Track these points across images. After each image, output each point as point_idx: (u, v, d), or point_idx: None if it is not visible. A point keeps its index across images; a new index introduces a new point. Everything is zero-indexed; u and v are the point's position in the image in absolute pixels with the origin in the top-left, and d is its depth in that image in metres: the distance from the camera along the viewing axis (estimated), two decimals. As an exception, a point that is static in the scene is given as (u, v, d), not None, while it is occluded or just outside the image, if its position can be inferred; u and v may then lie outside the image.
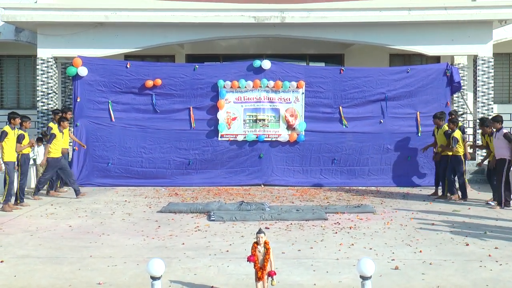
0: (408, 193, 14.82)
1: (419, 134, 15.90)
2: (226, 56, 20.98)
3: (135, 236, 10.03)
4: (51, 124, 14.38)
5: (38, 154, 16.36)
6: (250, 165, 16.03)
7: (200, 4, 17.46)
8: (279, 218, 11.34)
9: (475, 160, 17.31)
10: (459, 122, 14.34)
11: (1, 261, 8.42)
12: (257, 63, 16.10)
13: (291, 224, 11.02)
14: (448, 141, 13.83)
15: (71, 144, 15.99)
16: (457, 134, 13.59)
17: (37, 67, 17.60)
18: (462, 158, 13.64)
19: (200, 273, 7.85)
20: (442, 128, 14.11)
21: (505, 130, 13.02)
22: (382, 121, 16.04)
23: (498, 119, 13.21)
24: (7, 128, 12.59)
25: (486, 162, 14.23)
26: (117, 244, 9.50)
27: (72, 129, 15.81)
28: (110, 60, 16.71)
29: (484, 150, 15.02)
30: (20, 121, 13.04)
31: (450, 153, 13.72)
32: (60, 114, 14.73)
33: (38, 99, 17.77)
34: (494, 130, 13.19)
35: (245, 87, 16.03)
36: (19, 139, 12.87)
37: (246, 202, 12.51)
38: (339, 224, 11.07)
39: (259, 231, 6.90)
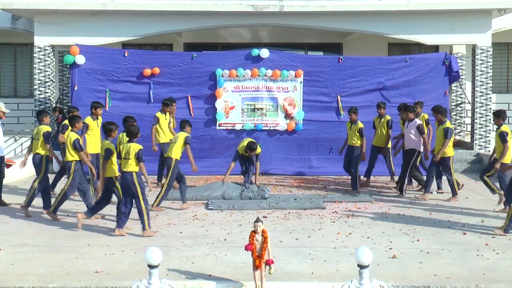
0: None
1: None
2: (224, 45, 20.89)
3: (132, 225, 10.02)
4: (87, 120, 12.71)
5: None
6: (248, 154, 16.02)
7: (198, -8, 17.38)
8: (277, 207, 11.35)
9: (472, 149, 17.33)
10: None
11: (-1, 249, 8.44)
12: (255, 52, 16.04)
13: (289, 213, 11.03)
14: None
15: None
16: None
17: (34, 55, 17.50)
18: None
19: (198, 261, 7.86)
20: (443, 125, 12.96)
21: (418, 122, 12.82)
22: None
23: (411, 109, 12.98)
24: (88, 119, 12.16)
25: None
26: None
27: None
28: (107, 49, 16.63)
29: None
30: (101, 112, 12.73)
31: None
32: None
33: (35, 87, 17.69)
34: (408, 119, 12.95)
35: (243, 76, 15.98)
36: (63, 129, 12.32)
37: (247, 187, 12.52)
38: (337, 213, 11.08)
39: (257, 220, 6.91)
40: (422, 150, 12.79)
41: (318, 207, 11.43)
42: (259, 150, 12.79)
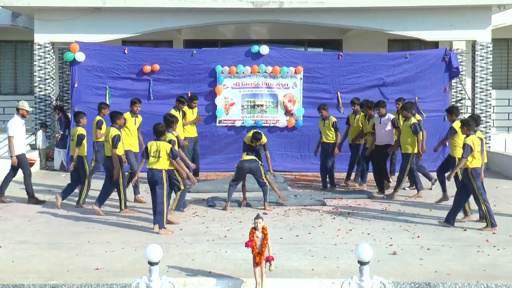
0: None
1: (424, 117, 15.74)
2: (224, 41, 20.89)
3: (133, 222, 10.03)
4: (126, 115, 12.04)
5: (41, 139, 16.51)
6: (248, 151, 16.01)
7: (198, -11, 17.35)
8: (277, 204, 11.34)
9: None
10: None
11: (0, 247, 8.44)
12: (255, 48, 16.03)
13: (289, 209, 11.03)
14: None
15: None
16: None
17: (34, 52, 17.49)
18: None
19: (198, 258, 7.86)
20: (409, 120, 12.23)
21: (392, 116, 12.63)
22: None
23: (382, 104, 12.73)
24: (127, 115, 12.00)
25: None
26: (115, 229, 9.51)
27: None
28: (107, 46, 16.64)
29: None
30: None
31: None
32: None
33: (35, 84, 17.68)
34: (377, 115, 12.74)
35: (243, 72, 15.97)
36: (99, 124, 12.19)
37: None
38: (337, 209, 11.08)
39: (257, 217, 6.91)
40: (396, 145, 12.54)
41: (319, 204, 11.42)
42: (264, 139, 12.71)
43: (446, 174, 10.70)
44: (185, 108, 13.50)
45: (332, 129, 13.19)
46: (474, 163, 9.44)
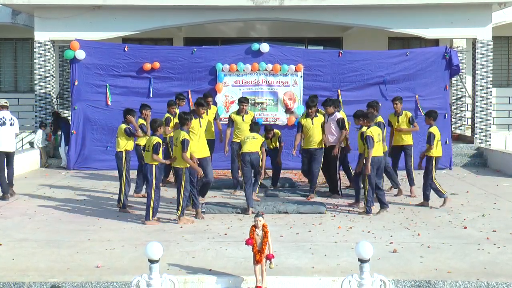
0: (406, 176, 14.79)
1: (424, 114, 15.67)
2: (224, 39, 20.85)
3: (133, 220, 10.03)
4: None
5: (40, 138, 16.52)
6: (249, 149, 15.97)
7: (198, -14, 17.33)
8: (275, 211, 10.71)
9: (473, 143, 17.32)
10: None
11: (0, 245, 8.43)
12: (255, 46, 16.02)
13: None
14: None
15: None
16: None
17: (35, 50, 17.48)
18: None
19: (199, 256, 7.86)
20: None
21: (339, 116, 12.03)
22: (380, 104, 15.94)
23: (329, 103, 12.12)
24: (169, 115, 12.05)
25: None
26: (115, 227, 9.51)
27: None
28: (107, 44, 16.63)
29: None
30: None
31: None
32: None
33: (35, 82, 17.67)
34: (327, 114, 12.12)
35: (244, 70, 15.96)
36: (167, 122, 12.30)
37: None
38: (337, 207, 11.08)
39: (257, 215, 6.91)
40: (343, 145, 12.07)
41: (317, 212, 10.68)
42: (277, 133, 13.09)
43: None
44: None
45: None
46: (374, 152, 10.42)
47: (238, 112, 12.85)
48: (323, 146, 11.97)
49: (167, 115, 12.71)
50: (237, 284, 6.91)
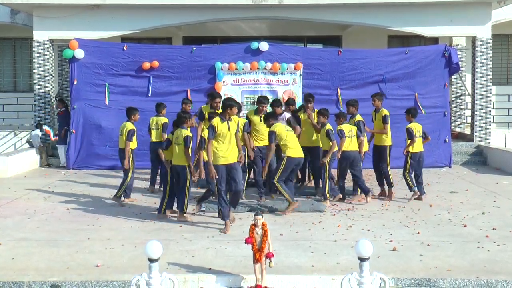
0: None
1: (424, 113, 15.69)
2: (223, 38, 20.85)
3: (132, 219, 10.03)
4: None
5: (36, 138, 16.51)
6: (248, 148, 15.95)
7: (197, -15, 17.32)
8: (272, 211, 10.58)
9: (472, 141, 17.32)
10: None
11: (-1, 244, 8.44)
12: (254, 45, 16.01)
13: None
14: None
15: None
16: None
17: (34, 49, 17.47)
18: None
19: (198, 255, 7.86)
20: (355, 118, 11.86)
21: (288, 115, 11.82)
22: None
23: (278, 103, 11.88)
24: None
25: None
26: (114, 226, 9.51)
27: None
28: (106, 43, 16.61)
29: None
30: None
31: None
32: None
33: (34, 82, 17.66)
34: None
35: (243, 69, 15.95)
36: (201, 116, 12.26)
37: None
38: (337, 206, 11.07)
39: (257, 213, 6.91)
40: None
41: (317, 211, 10.57)
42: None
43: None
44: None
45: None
46: (345, 147, 11.10)
47: (256, 112, 12.01)
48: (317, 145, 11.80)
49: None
50: (237, 283, 6.91)
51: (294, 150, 10.49)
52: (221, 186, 9.18)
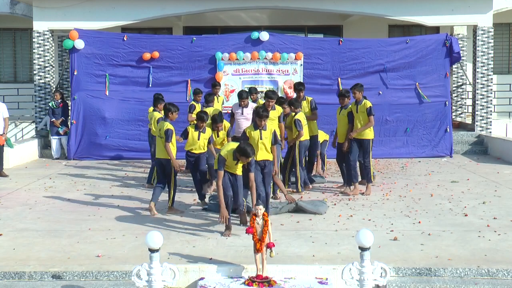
0: (407, 164, 14.80)
1: (429, 101, 15.66)
2: (224, 28, 20.79)
3: (133, 209, 10.03)
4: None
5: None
6: (249, 138, 15.93)
7: (197, -25, 17.24)
8: (276, 212, 9.93)
9: (473, 131, 17.29)
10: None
11: (0, 234, 8.44)
12: (255, 35, 15.97)
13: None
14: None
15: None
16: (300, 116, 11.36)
17: (34, 40, 17.41)
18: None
19: (199, 245, 7.86)
20: (347, 108, 11.46)
21: (253, 105, 11.63)
22: (381, 92, 15.96)
23: (244, 95, 11.79)
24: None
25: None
26: (115, 217, 9.51)
27: None
28: (107, 33, 16.57)
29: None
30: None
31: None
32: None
33: (35, 72, 17.62)
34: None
35: (243, 59, 15.93)
36: (191, 109, 12.65)
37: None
38: (338, 195, 11.07)
39: (258, 203, 6.92)
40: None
41: (317, 212, 9.89)
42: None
43: None
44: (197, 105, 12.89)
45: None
46: (305, 136, 11.24)
47: (255, 127, 10.86)
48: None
49: (193, 102, 12.97)
50: (238, 273, 6.91)
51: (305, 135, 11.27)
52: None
